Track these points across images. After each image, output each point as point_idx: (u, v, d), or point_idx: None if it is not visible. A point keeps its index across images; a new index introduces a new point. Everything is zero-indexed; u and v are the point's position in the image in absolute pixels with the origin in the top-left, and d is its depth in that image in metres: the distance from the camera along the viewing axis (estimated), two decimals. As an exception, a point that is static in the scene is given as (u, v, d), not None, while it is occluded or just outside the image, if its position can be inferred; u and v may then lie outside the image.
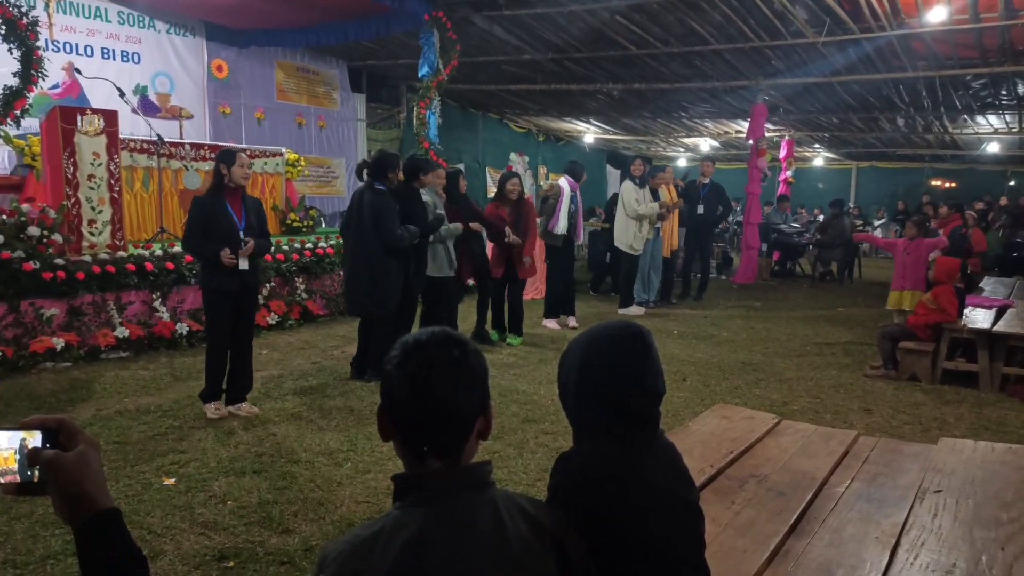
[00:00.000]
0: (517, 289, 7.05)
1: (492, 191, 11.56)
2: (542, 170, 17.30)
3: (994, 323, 5.87)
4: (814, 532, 2.23)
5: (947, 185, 19.48)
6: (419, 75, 9.14)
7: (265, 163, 9.01)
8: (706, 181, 10.07)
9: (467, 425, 1.19)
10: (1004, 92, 11.56)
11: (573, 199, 7.61)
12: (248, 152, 8.69)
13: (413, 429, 1.18)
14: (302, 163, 9.86)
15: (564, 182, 7.67)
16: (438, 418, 1.16)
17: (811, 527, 2.26)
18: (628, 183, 8.46)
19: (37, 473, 0.95)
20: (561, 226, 7.50)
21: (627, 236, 8.36)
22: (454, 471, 1.18)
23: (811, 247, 12.96)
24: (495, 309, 7.05)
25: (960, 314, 5.93)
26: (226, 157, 4.46)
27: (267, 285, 7.38)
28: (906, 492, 2.52)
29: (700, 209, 9.97)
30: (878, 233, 18.93)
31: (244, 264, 4.48)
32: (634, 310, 8.68)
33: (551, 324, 7.82)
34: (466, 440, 1.20)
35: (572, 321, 7.87)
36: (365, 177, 5.40)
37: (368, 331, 5.55)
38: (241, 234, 4.47)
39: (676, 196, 9.32)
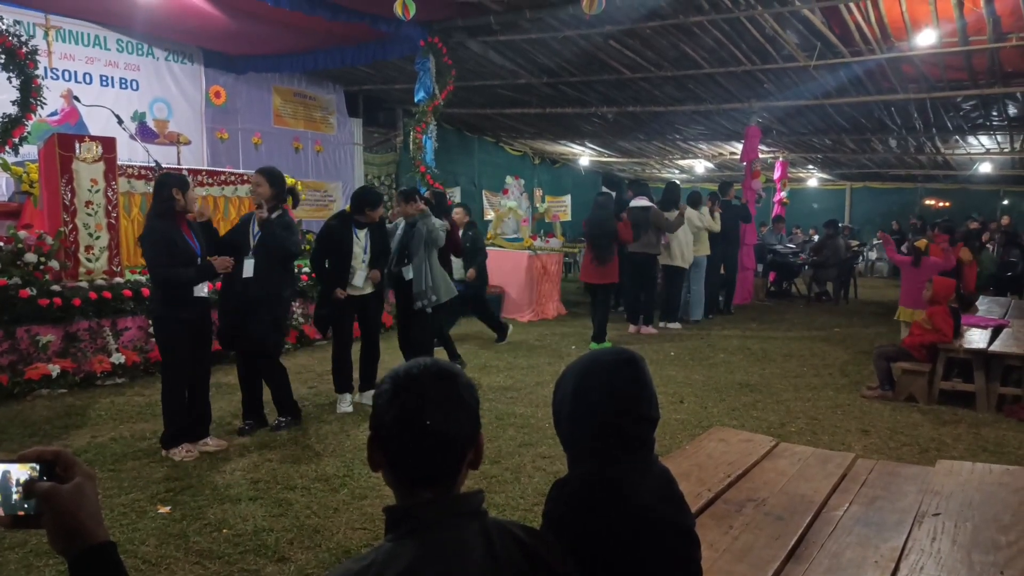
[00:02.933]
0: (604, 296, 8.07)
1: (489, 214, 11.61)
2: (538, 192, 17.39)
3: (990, 343, 5.88)
4: (813, 557, 2.22)
5: (940, 205, 19.60)
6: (415, 99, 9.22)
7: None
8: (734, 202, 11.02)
9: (459, 456, 1.20)
10: (995, 113, 11.69)
11: None
12: (246, 177, 8.78)
13: (405, 460, 1.18)
14: (299, 187, 9.89)
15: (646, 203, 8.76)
16: (430, 450, 1.16)
17: (810, 552, 2.26)
18: (691, 209, 9.56)
19: (29, 506, 0.95)
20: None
21: (687, 252, 9.27)
22: (445, 501, 1.18)
23: (807, 267, 13.01)
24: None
25: (955, 334, 5.95)
26: (181, 182, 4.30)
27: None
28: (904, 515, 2.52)
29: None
30: (873, 255, 19.06)
31: (203, 291, 4.35)
32: (678, 325, 9.41)
33: (647, 330, 8.95)
34: (458, 471, 1.20)
35: (649, 329, 8.96)
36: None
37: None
38: (199, 260, 4.32)
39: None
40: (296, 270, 5.24)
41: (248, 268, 4.66)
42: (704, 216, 9.71)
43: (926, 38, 7.97)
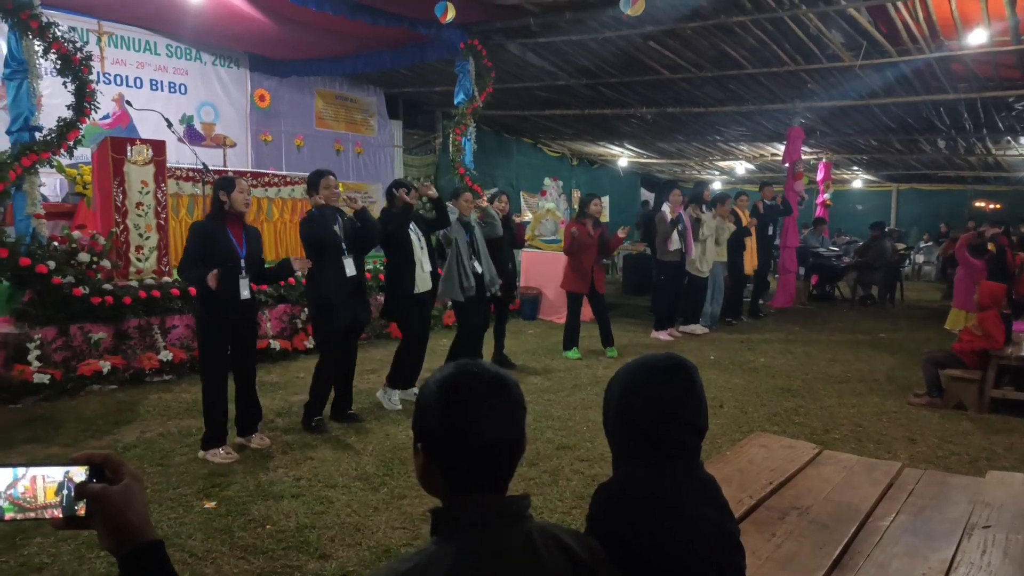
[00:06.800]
0: (600, 302, 7.59)
1: (527, 216, 11.62)
2: (576, 194, 17.34)
3: (1044, 350, 5.70)
4: (858, 567, 2.18)
5: (991, 207, 19.01)
6: (455, 102, 9.29)
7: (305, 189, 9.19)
8: (768, 203, 10.58)
9: (515, 459, 1.22)
10: (1049, 113, 11.29)
11: (680, 219, 8.36)
12: (287, 179, 8.95)
13: (461, 469, 1.17)
14: (340, 189, 10.02)
15: (667, 207, 8.48)
16: (488, 459, 1.17)
17: (855, 561, 2.21)
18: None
19: (83, 506, 0.99)
20: (674, 243, 8.31)
21: (701, 261, 8.74)
22: (490, 504, 1.18)
23: (851, 270, 12.73)
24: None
25: (1007, 340, 5.77)
26: (226, 184, 4.37)
27: (305, 309, 7.49)
28: (954, 526, 2.45)
29: (770, 230, 10.48)
30: (920, 258, 18.56)
31: (246, 293, 4.39)
32: (697, 328, 8.99)
33: (663, 336, 8.60)
34: (512, 475, 1.22)
35: (660, 335, 8.61)
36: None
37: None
38: (242, 261, 4.38)
39: (750, 218, 9.78)
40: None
41: (350, 267, 4.96)
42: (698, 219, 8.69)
43: (977, 37, 7.75)
